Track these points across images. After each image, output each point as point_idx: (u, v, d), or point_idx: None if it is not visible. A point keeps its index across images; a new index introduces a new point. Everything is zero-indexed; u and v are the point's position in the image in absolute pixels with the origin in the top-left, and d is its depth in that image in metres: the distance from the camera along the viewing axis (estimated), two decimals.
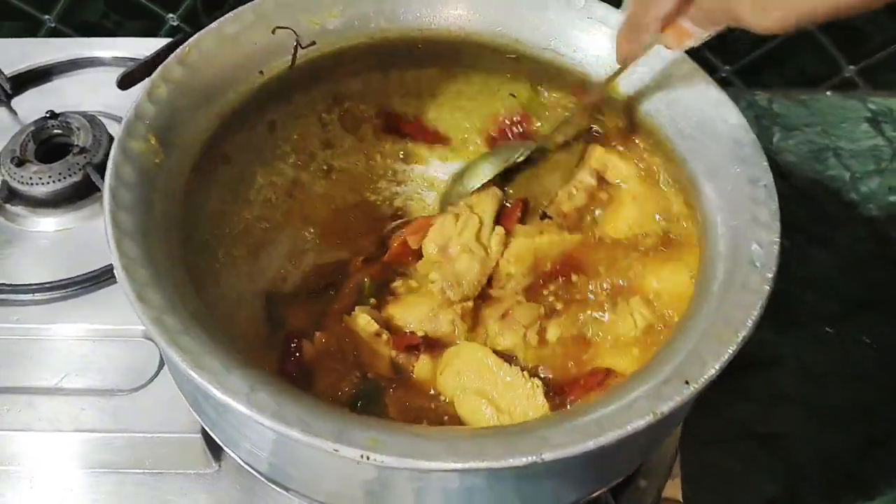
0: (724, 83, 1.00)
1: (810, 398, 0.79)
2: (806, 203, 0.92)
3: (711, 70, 0.99)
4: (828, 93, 1.01)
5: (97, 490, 0.64)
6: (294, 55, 0.58)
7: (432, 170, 0.65)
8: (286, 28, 0.57)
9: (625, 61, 0.53)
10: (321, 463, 0.45)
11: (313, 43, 0.59)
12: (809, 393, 0.79)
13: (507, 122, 0.65)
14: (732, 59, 0.99)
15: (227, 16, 0.56)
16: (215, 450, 0.64)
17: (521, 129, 0.64)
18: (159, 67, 0.52)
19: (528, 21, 0.60)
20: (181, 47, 0.53)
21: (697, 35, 0.48)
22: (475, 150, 0.66)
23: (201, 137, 0.54)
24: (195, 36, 0.54)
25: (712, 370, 0.42)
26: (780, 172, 0.95)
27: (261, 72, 0.57)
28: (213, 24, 0.55)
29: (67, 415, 0.65)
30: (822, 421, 0.78)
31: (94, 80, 0.87)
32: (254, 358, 0.49)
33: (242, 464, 0.50)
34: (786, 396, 0.79)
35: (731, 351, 0.42)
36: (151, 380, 0.66)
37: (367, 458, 0.38)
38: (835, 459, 0.75)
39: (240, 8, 0.56)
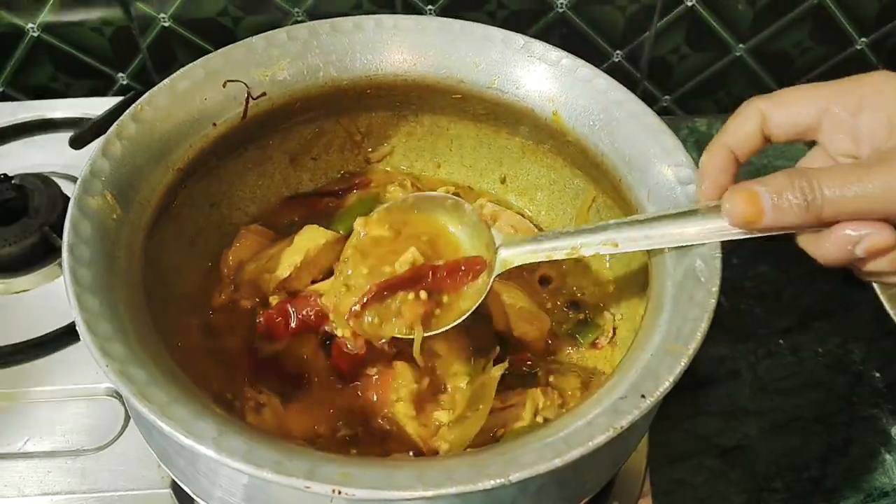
0: (665, 112, 1.04)
1: (768, 409, 0.81)
2: None
3: (652, 100, 1.03)
4: None
5: None
6: (246, 107, 0.59)
7: None
8: (237, 81, 0.59)
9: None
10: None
11: (264, 94, 0.60)
12: (766, 404, 0.81)
13: None
14: (671, 88, 1.03)
15: (177, 73, 0.57)
16: None
17: None
18: (114, 125, 0.53)
19: (470, 61, 0.63)
20: (134, 104, 0.54)
21: None
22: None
23: (158, 192, 0.55)
24: (148, 93, 0.55)
25: (666, 383, 0.43)
26: None
27: (214, 124, 0.58)
28: (165, 81, 0.56)
29: (33, 479, 0.64)
30: (781, 431, 0.80)
31: (47, 141, 0.87)
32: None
33: None
34: (744, 409, 0.81)
35: (682, 364, 0.44)
36: (117, 437, 0.66)
37: (339, 493, 0.38)
38: (797, 468, 0.77)
39: (189, 65, 0.57)
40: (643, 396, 0.43)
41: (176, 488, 0.63)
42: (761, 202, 0.46)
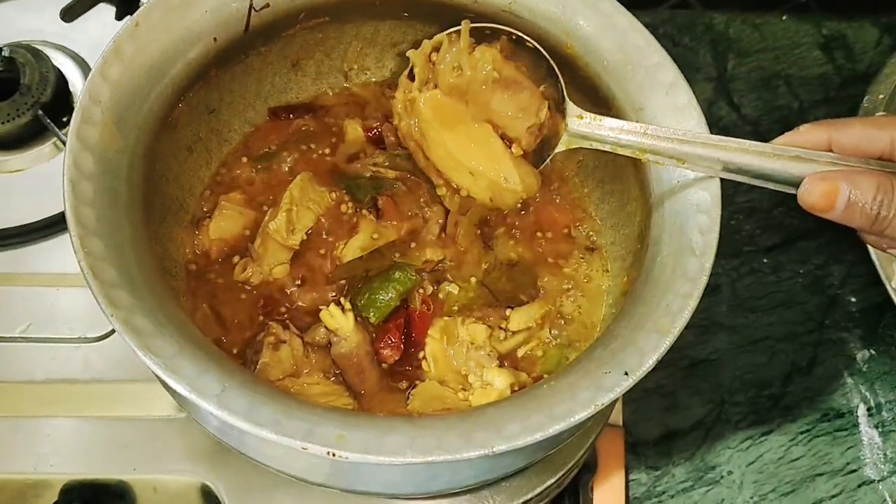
0: (682, 5, 1.00)
1: (741, 325, 0.85)
2: (753, 134, 0.95)
3: None
4: (784, 17, 1.02)
5: (74, 437, 0.65)
6: (248, 19, 0.57)
7: None
8: None
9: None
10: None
11: (267, 5, 0.57)
12: (741, 320, 0.85)
13: None
14: None
15: None
16: None
17: None
18: (110, 43, 0.51)
19: None
20: (129, 21, 0.52)
21: None
22: None
23: (157, 112, 0.53)
24: (141, 9, 0.53)
25: (649, 362, 0.45)
26: (732, 103, 0.97)
27: (215, 39, 0.56)
28: None
29: (39, 364, 0.67)
30: (750, 347, 0.84)
31: (34, 4, 0.83)
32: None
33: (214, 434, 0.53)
34: (719, 324, 0.85)
35: (666, 343, 0.46)
36: None
37: (333, 455, 0.41)
38: (760, 384, 0.82)
39: None
40: (626, 374, 0.45)
41: None
42: (837, 200, 0.47)
